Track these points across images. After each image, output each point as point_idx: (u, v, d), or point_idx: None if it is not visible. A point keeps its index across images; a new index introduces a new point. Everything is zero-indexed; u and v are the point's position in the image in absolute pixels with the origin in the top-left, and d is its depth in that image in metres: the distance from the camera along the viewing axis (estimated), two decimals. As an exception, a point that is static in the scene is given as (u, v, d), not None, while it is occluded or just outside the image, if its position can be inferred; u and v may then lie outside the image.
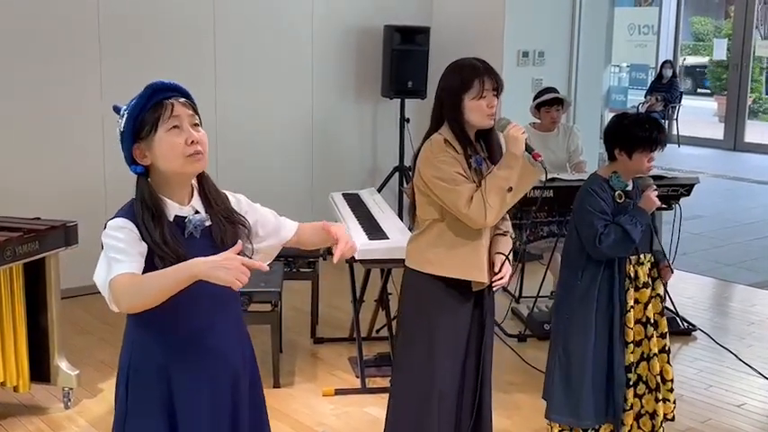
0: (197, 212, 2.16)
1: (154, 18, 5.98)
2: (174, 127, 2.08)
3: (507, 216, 3.18)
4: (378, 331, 5.06)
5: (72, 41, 5.66)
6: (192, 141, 2.09)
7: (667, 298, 5.32)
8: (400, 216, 6.60)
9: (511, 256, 3.13)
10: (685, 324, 5.34)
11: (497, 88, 2.98)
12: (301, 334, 5.17)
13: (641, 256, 3.45)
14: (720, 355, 4.92)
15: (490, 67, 3.00)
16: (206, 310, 2.15)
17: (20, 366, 3.94)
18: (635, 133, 3.32)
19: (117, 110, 2.18)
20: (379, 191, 6.24)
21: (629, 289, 3.42)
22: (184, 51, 6.12)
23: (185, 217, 2.12)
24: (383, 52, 6.91)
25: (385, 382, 4.44)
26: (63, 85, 5.65)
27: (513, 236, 3.23)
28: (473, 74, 2.95)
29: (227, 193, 2.28)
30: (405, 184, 6.97)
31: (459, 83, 2.96)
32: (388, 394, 4.30)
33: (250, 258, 2.20)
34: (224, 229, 2.15)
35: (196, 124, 2.13)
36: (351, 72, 7.07)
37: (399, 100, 6.98)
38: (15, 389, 3.99)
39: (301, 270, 5.06)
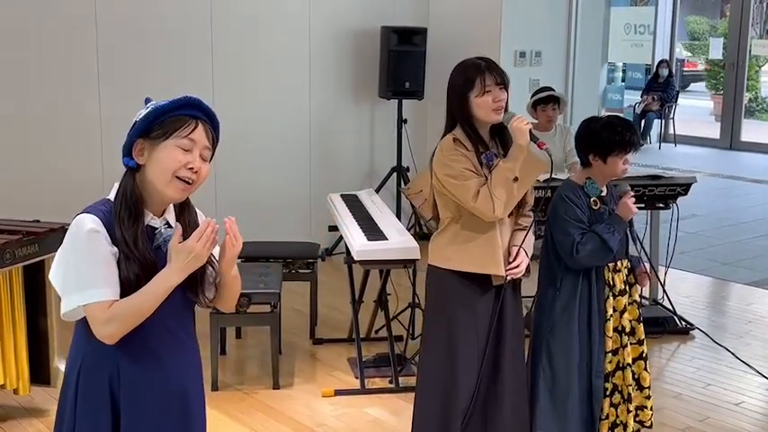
0: (168, 225, 2.11)
1: (152, 19, 5.99)
2: (184, 148, 2.03)
3: (530, 213, 3.22)
4: (377, 332, 5.07)
5: (70, 44, 5.67)
6: (191, 168, 2.04)
7: (665, 297, 5.36)
8: (398, 217, 6.62)
9: (529, 247, 3.16)
10: (683, 323, 5.35)
11: (502, 82, 3.04)
12: (300, 335, 5.18)
13: (618, 263, 3.38)
14: (718, 354, 4.93)
15: (493, 63, 3.08)
16: (166, 327, 2.11)
17: (20, 369, 3.94)
18: (607, 137, 3.27)
19: (147, 102, 2.15)
20: (378, 191, 6.24)
21: (608, 297, 3.36)
22: (182, 54, 6.13)
23: (156, 228, 2.09)
24: (380, 53, 6.92)
25: (384, 383, 4.46)
26: (61, 86, 5.65)
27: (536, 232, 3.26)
28: (475, 72, 3.03)
29: (199, 212, 2.23)
30: (403, 185, 6.97)
31: (463, 82, 3.04)
32: (389, 394, 4.35)
33: (211, 299, 2.19)
34: None
35: (205, 159, 2.08)
36: (348, 73, 7.08)
37: (397, 101, 6.99)
38: (15, 391, 3.99)
39: (300, 271, 5.07)
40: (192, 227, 2.12)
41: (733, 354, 4.89)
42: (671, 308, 5.39)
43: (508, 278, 3.12)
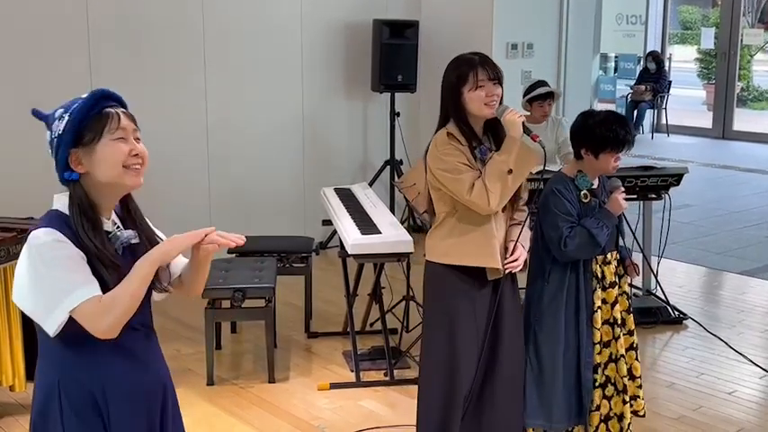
0: (118, 227, 2.11)
1: (143, 16, 5.98)
2: (120, 138, 2.04)
3: (525, 208, 3.24)
4: (371, 325, 5.09)
5: (62, 46, 5.66)
6: (136, 154, 2.06)
7: (658, 287, 5.39)
8: (392, 210, 6.63)
9: (525, 241, 3.17)
10: (676, 313, 5.38)
11: (495, 77, 3.05)
12: (295, 329, 5.19)
13: (608, 255, 3.39)
14: (711, 344, 4.97)
15: (486, 58, 3.09)
16: (135, 324, 2.10)
17: (16, 366, 3.96)
18: (602, 134, 3.26)
19: (42, 116, 2.11)
20: (371, 185, 6.25)
21: (596, 289, 3.37)
22: (174, 51, 6.12)
23: (110, 232, 2.08)
24: (372, 47, 6.92)
25: (379, 376, 4.48)
26: (51, 83, 5.63)
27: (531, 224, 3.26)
28: (468, 67, 3.04)
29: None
30: (396, 178, 6.99)
31: (456, 77, 3.06)
32: (384, 387, 4.37)
33: (168, 284, 2.20)
34: (149, 248, 2.09)
35: (138, 138, 2.09)
36: (340, 67, 7.08)
37: (389, 94, 7.00)
38: (11, 388, 4.01)
39: (294, 265, 5.09)
40: (142, 224, 2.15)
41: (726, 343, 4.92)
42: (664, 298, 5.42)
43: (506, 271, 3.13)
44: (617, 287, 3.43)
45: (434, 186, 3.14)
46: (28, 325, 4.00)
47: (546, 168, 2.99)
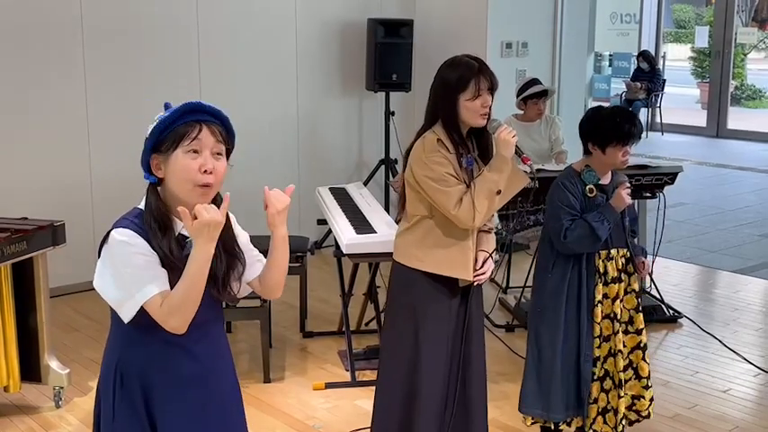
0: None
1: (137, 17, 5.96)
2: (194, 151, 2.07)
3: (494, 213, 3.23)
4: (367, 324, 5.09)
5: (56, 41, 5.64)
6: (206, 170, 2.08)
7: (653, 286, 5.40)
8: (387, 209, 6.63)
9: (494, 253, 3.16)
10: (671, 311, 5.39)
11: (492, 87, 2.99)
12: (290, 328, 5.19)
13: (612, 251, 3.43)
14: (706, 342, 4.98)
15: (485, 65, 3.01)
16: (199, 321, 2.13)
17: (10, 366, 3.95)
18: (607, 128, 3.31)
19: (167, 106, 2.16)
20: (366, 184, 6.26)
21: (597, 284, 3.40)
22: (168, 49, 6.11)
23: (186, 237, 2.11)
24: (367, 46, 6.92)
25: (374, 375, 4.46)
26: (47, 84, 5.63)
27: (499, 227, 3.26)
28: (469, 73, 2.96)
29: (232, 217, 2.27)
30: (391, 178, 6.98)
31: (455, 82, 2.96)
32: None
33: (237, 294, 2.25)
34: (221, 259, 2.14)
35: (219, 154, 2.12)
36: (335, 66, 7.08)
37: (384, 93, 6.99)
38: (6, 389, 4.00)
39: (289, 265, 5.06)
40: (222, 232, 2.14)
41: (720, 341, 4.93)
42: (659, 296, 5.42)
43: (474, 283, 3.12)
44: (623, 284, 3.47)
45: (413, 187, 3.07)
46: (23, 326, 4.01)
47: (541, 167, 3.02)
